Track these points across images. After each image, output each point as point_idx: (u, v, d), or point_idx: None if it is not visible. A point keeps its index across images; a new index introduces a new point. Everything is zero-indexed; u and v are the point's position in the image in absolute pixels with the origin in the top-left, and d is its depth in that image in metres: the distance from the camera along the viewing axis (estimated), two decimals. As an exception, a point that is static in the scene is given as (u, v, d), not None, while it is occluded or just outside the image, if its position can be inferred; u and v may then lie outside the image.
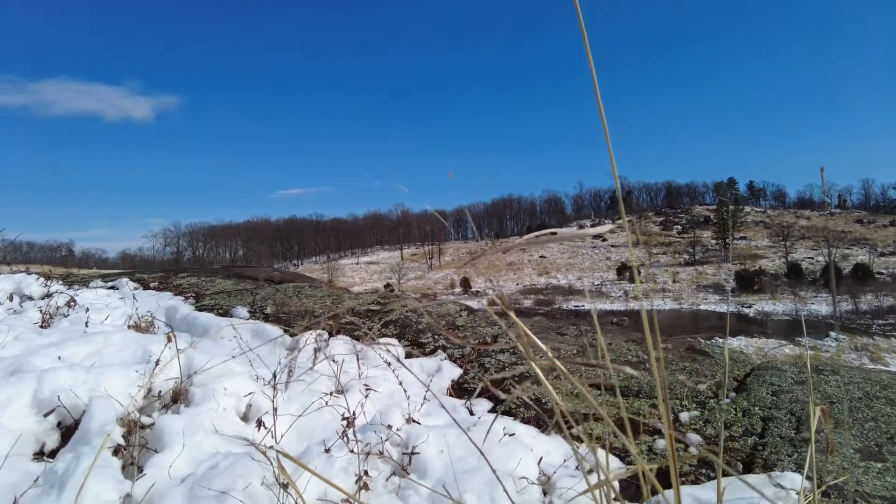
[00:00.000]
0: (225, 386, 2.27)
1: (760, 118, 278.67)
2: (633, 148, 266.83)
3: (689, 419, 2.68)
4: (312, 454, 1.85)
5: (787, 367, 3.15)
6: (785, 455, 2.26)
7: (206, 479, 1.59)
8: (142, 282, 5.87)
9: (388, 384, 2.82)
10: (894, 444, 2.26)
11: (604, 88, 0.80)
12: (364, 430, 2.16)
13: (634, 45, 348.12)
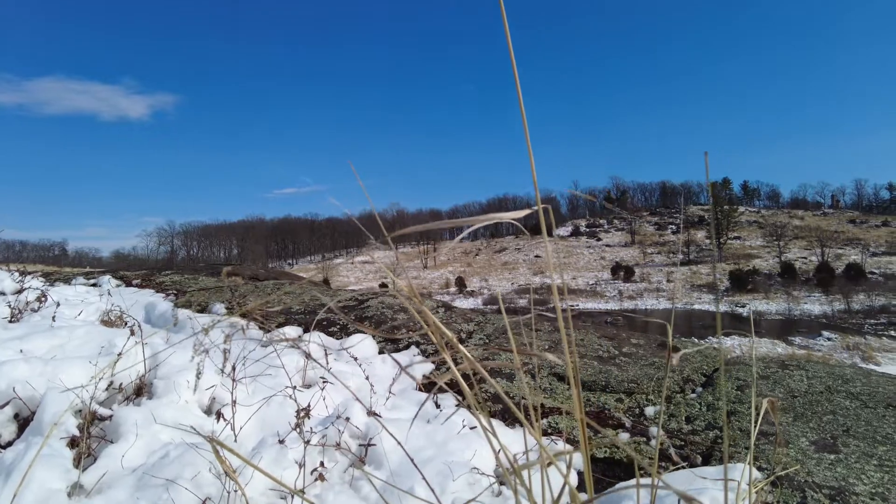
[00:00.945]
0: (188, 379, 2.29)
1: (755, 118, 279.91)
2: (629, 147, 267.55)
3: (654, 413, 2.70)
4: (267, 445, 1.87)
5: (753, 362, 3.18)
6: (743, 448, 2.29)
7: (156, 468, 1.61)
8: (124, 279, 5.87)
9: (356, 379, 2.84)
10: (849, 436, 2.29)
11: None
12: (324, 422, 2.18)
13: (628, 44, 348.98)
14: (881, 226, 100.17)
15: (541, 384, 3.04)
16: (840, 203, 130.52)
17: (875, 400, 2.61)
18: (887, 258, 77.76)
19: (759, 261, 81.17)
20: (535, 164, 0.91)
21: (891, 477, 1.97)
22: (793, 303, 59.27)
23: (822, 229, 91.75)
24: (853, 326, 47.24)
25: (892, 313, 50.94)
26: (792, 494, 1.91)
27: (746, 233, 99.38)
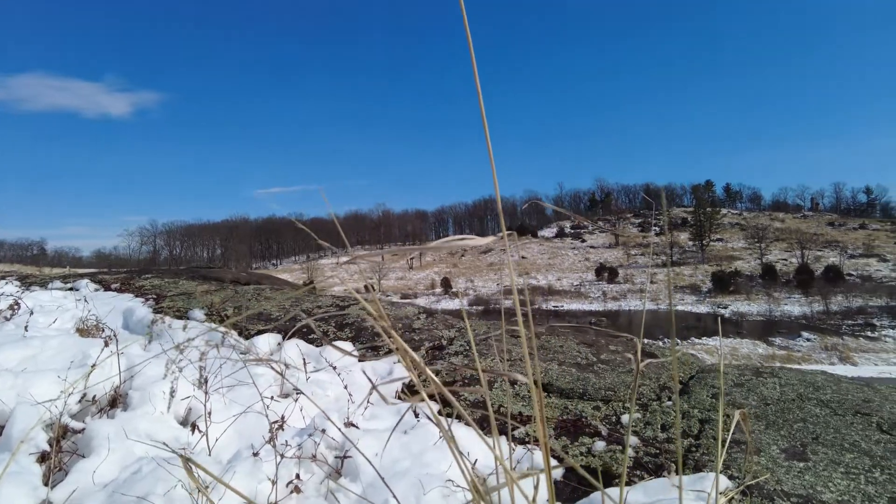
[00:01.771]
0: (164, 390, 2.27)
1: (738, 122, 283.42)
2: (613, 150, 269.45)
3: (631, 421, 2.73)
4: (241, 458, 1.86)
5: (730, 370, 3.23)
6: (716, 456, 2.33)
7: (127, 484, 1.60)
8: (103, 283, 5.80)
9: (335, 387, 2.84)
10: (818, 444, 2.34)
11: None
12: (301, 434, 2.18)
13: (613, 48, 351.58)
14: (859, 228, 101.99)
15: (520, 391, 3.06)
16: (819, 206, 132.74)
17: (844, 407, 2.66)
18: (864, 260, 79.17)
19: (741, 262, 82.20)
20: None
21: (856, 484, 2.02)
22: (773, 304, 60.08)
23: (802, 232, 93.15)
24: (832, 327, 48.02)
25: (869, 314, 51.85)
26: (761, 503, 1.94)
27: (729, 235, 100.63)
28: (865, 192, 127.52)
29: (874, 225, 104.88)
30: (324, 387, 2.82)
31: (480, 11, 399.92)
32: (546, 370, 3.26)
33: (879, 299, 57.48)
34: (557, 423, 2.74)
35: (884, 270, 73.53)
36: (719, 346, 9.39)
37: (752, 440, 2.38)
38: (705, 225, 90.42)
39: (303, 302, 4.61)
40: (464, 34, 0.72)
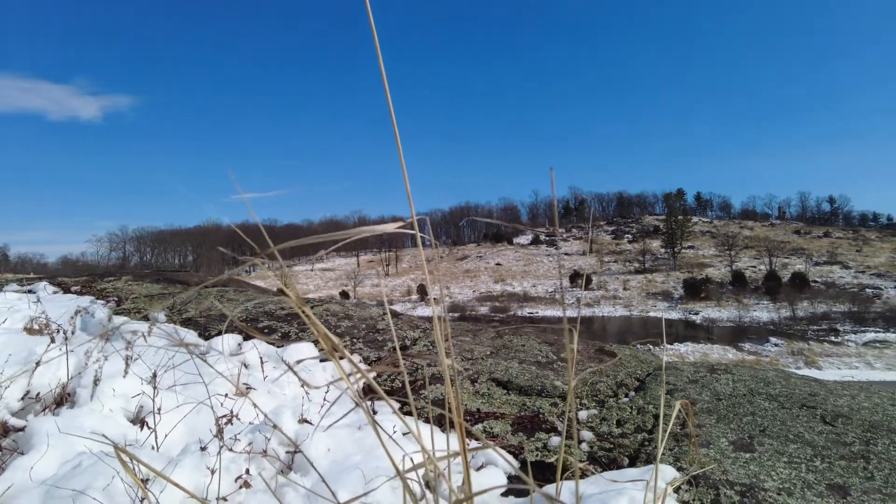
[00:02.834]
0: (114, 387, 2.23)
1: (710, 132, 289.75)
2: (587, 159, 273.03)
3: (587, 417, 2.77)
4: (189, 452, 1.84)
5: (685, 368, 3.30)
6: (667, 449, 2.37)
7: (65, 479, 1.56)
8: (63, 286, 5.66)
9: (293, 386, 2.82)
10: (765, 435, 2.40)
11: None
12: (253, 430, 2.16)
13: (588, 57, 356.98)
14: (823, 236, 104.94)
15: (479, 389, 3.08)
16: (786, 214, 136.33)
17: (791, 401, 2.74)
18: (828, 267, 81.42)
19: (711, 269, 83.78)
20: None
21: (798, 473, 2.08)
22: (743, 310, 61.35)
23: (770, 239, 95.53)
24: (798, 332, 49.19)
25: (833, 320, 53.26)
26: (707, 492, 1.98)
27: (700, 242, 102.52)
28: (829, 201, 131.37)
29: (837, 233, 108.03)
30: (281, 385, 2.81)
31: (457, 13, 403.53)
32: (507, 368, 3.28)
33: (842, 305, 59.12)
34: (515, 419, 2.76)
35: (846, 277, 75.72)
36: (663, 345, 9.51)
37: (694, 432, 2.43)
38: (677, 233, 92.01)
39: (266, 304, 4.57)
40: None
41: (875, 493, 1.92)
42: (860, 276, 76.21)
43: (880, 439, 2.31)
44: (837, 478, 2.04)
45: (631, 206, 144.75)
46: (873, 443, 2.29)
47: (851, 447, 2.27)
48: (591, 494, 1.95)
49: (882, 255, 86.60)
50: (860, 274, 77.20)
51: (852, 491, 1.94)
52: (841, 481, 2.02)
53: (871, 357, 38.23)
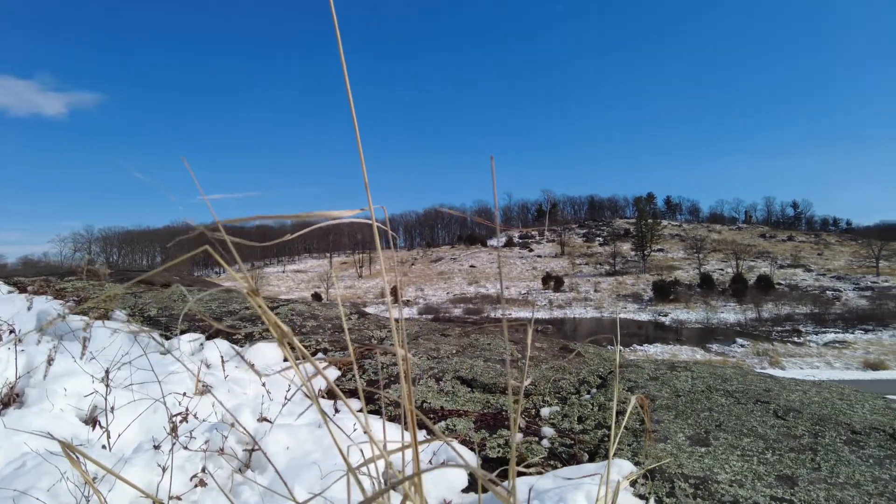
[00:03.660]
0: (66, 386, 2.18)
1: (678, 138, 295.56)
2: (560, 162, 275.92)
3: (549, 414, 2.80)
4: (142, 450, 1.80)
5: (647, 365, 3.36)
6: (626, 445, 2.41)
7: (7, 479, 1.52)
8: (19, 285, 5.49)
9: (254, 386, 2.79)
10: (720, 430, 2.46)
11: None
12: (211, 428, 2.13)
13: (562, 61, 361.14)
14: (787, 240, 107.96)
15: (444, 388, 3.08)
16: (753, 218, 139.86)
17: (747, 396, 2.81)
18: (792, 270, 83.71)
19: (680, 272, 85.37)
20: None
21: (750, 465, 2.13)
22: (711, 312, 62.59)
23: (737, 243, 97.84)
24: (763, 334, 50.37)
25: (796, 321, 54.73)
26: (662, 486, 2.02)
27: (669, 245, 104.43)
28: (793, 206, 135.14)
29: (800, 237, 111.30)
30: (242, 385, 2.77)
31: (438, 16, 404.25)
32: (472, 366, 3.29)
33: (805, 307, 60.80)
34: (478, 416, 2.77)
35: (808, 280, 77.97)
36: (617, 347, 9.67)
37: (650, 427, 2.48)
38: (647, 236, 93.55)
39: (231, 303, 4.50)
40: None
41: (820, 483, 1.98)
42: (821, 278, 78.55)
43: (828, 432, 2.39)
44: (786, 469, 2.10)
45: (602, 210, 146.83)
46: (821, 435, 2.36)
47: (801, 440, 2.34)
48: (549, 489, 1.97)
49: (841, 259, 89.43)
50: (821, 276, 79.58)
51: (799, 481, 2.00)
52: (789, 472, 2.08)
53: (831, 357, 39.37)
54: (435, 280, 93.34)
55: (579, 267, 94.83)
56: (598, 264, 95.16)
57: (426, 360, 3.44)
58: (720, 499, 1.92)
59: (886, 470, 2.07)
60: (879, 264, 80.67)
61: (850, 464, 2.13)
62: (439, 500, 1.98)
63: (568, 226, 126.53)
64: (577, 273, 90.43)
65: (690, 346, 46.56)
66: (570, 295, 76.98)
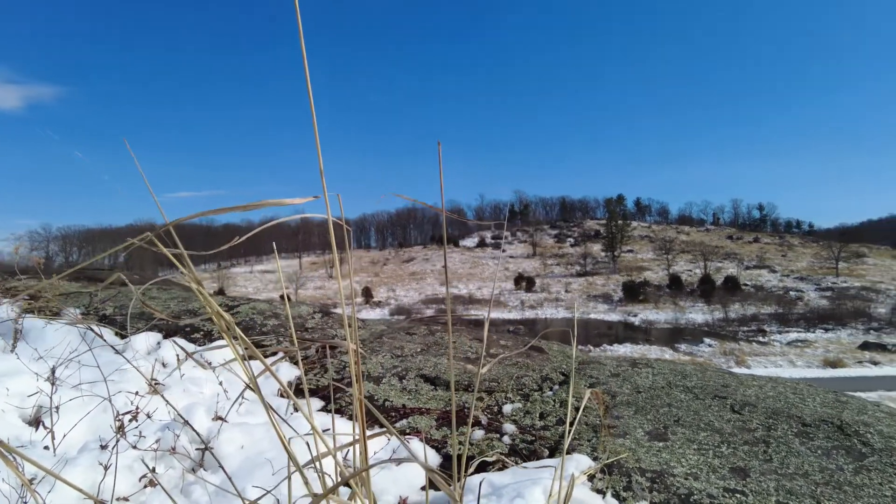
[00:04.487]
0: (7, 386, 2.10)
1: (648, 140, 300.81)
2: (532, 163, 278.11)
3: (512, 410, 2.80)
4: (88, 450, 1.74)
5: (608, 362, 3.39)
6: (585, 440, 2.43)
7: (-62, 482, 1.45)
8: (-33, 284, 5.29)
9: (211, 385, 2.73)
10: (678, 425, 2.49)
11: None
12: (163, 428, 2.08)
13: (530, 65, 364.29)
14: (753, 242, 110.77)
15: (407, 386, 3.06)
16: (720, 220, 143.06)
17: (705, 392, 2.86)
18: (757, 271, 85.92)
19: (649, 273, 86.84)
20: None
21: (705, 459, 2.16)
22: (679, 312, 63.82)
23: (705, 244, 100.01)
24: (730, 333, 51.54)
25: (761, 321, 56.17)
26: (619, 480, 2.04)
27: (639, 246, 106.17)
28: (759, 208, 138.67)
29: (766, 239, 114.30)
30: (199, 384, 2.71)
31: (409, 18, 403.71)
32: (436, 364, 3.28)
33: (769, 307, 62.45)
34: (440, 414, 2.76)
35: (773, 280, 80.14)
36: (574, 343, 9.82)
37: (606, 423, 2.50)
38: (617, 237, 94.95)
39: (190, 302, 4.41)
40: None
41: (771, 474, 2.02)
42: (785, 279, 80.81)
43: (780, 425, 2.44)
44: (740, 461, 2.14)
45: (573, 211, 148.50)
46: (774, 428, 2.41)
47: (755, 433, 2.39)
48: (506, 484, 1.97)
49: (804, 260, 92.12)
50: (785, 277, 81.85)
51: (751, 473, 2.04)
52: (742, 464, 2.11)
53: (794, 356, 40.50)
54: (407, 280, 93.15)
55: (551, 267, 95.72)
56: (569, 265, 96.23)
57: (390, 358, 3.42)
58: (675, 492, 1.95)
59: (833, 460, 2.13)
60: (839, 265, 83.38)
61: (800, 455, 2.18)
62: (396, 497, 1.96)
63: (540, 226, 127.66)
64: (549, 274, 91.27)
65: (659, 346, 47.39)
66: (542, 295, 77.66)
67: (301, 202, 0.79)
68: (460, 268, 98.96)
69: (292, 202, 0.79)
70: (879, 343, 41.11)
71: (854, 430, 2.37)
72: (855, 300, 62.13)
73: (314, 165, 0.91)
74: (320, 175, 0.84)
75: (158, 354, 3.13)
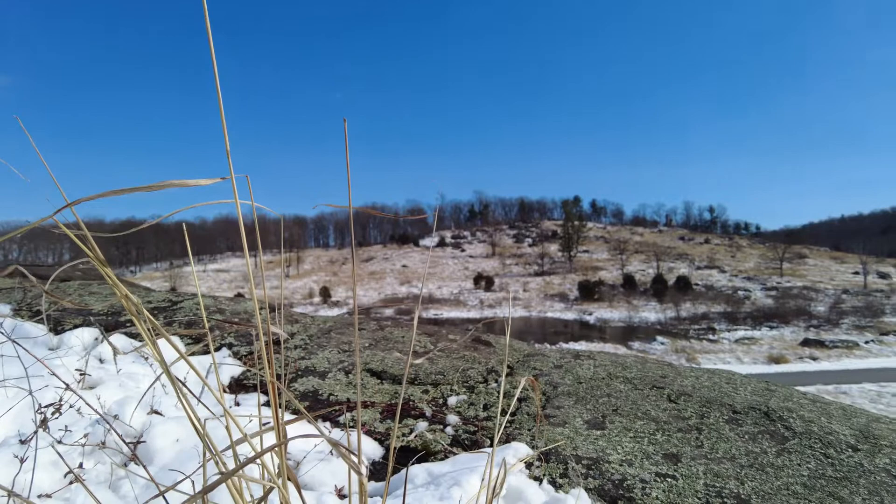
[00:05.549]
0: (-76, 383, 1.99)
1: (604, 144, 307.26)
2: (491, 165, 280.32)
3: (456, 402, 2.82)
4: (7, 445, 1.68)
5: (552, 354, 3.46)
6: (525, 430, 2.47)
7: None
8: None
9: (148, 380, 2.66)
10: (616, 414, 2.56)
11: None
12: (93, 422, 2.02)
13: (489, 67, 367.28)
14: (704, 243, 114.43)
15: (352, 380, 3.05)
16: (673, 222, 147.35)
17: (644, 382, 2.94)
18: (708, 271, 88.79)
19: (604, 272, 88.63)
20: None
21: (640, 446, 2.23)
22: (633, 311, 65.29)
23: (658, 245, 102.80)
24: (681, 332, 52.99)
25: (711, 320, 57.99)
26: (556, 467, 2.08)
27: (594, 247, 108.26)
28: (709, 210, 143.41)
29: (716, 240, 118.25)
30: (136, 379, 2.64)
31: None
32: (383, 359, 3.28)
33: (719, 306, 64.58)
34: (385, 407, 2.76)
35: (722, 280, 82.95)
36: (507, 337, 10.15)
37: (540, 413, 2.55)
38: (573, 237, 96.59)
39: (132, 296, 4.28)
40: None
41: (701, 459, 2.10)
42: (734, 279, 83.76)
43: (712, 413, 2.54)
44: (673, 448, 2.22)
45: (532, 211, 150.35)
46: (706, 416, 2.51)
47: (688, 421, 2.47)
48: (446, 472, 1.99)
49: (751, 261, 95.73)
50: (734, 277, 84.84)
51: (683, 458, 2.12)
52: (675, 451, 2.19)
53: (741, 353, 41.96)
54: (366, 280, 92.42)
55: (509, 267, 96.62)
56: (527, 264, 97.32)
57: (337, 353, 3.39)
58: (610, 478, 2.00)
59: (758, 444, 2.23)
60: (783, 266, 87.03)
61: (729, 440, 2.27)
62: (332, 488, 1.96)
63: (499, 227, 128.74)
64: (508, 273, 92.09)
65: (614, 343, 48.34)
66: (500, 294, 78.27)
67: (207, 183, 0.76)
68: (420, 267, 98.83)
69: (196, 183, 0.77)
70: (818, 340, 43.04)
71: (779, 416, 2.49)
72: (797, 299, 64.94)
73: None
74: (226, 155, 0.82)
75: (96, 351, 3.03)
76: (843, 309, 58.36)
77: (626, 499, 1.86)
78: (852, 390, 24.97)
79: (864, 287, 73.06)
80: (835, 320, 53.56)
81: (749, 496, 1.86)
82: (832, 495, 1.88)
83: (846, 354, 38.32)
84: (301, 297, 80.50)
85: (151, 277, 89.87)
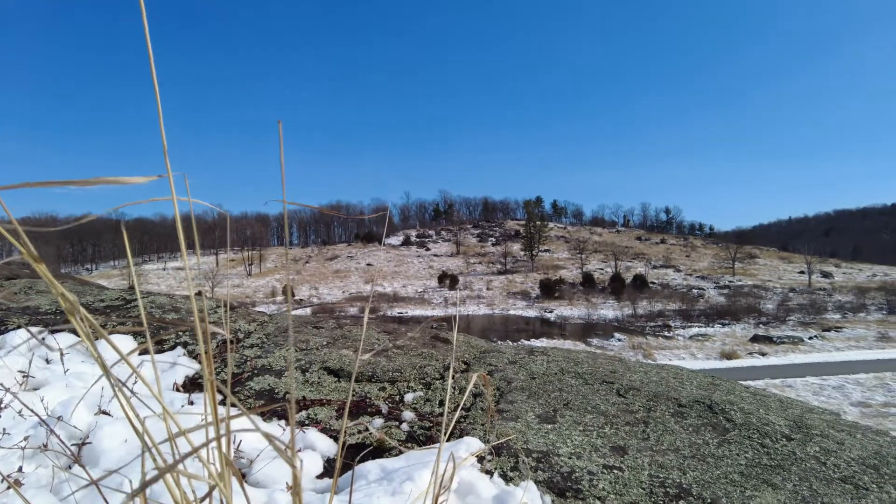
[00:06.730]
0: None
1: (564, 146, 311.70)
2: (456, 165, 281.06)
3: (413, 399, 2.85)
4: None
5: (507, 350, 3.52)
6: (479, 424, 2.51)
7: None
8: None
9: (99, 380, 2.60)
10: (567, 408, 2.63)
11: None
12: (36, 425, 1.97)
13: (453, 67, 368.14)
14: (660, 243, 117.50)
15: (310, 378, 3.05)
16: (630, 222, 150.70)
17: (595, 378, 3.03)
18: (664, 270, 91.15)
19: (565, 271, 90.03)
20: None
21: (589, 439, 2.30)
22: (592, 308, 66.55)
23: (616, 245, 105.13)
24: (638, 329, 54.20)
25: (667, 317, 59.54)
26: (507, 460, 2.13)
27: (555, 246, 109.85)
28: (665, 211, 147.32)
29: (672, 240, 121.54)
30: (84, 379, 2.58)
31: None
32: (340, 357, 3.28)
33: (674, 304, 66.36)
34: (341, 405, 2.77)
35: (678, 279, 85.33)
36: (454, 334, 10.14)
37: (492, 408, 2.61)
38: (535, 237, 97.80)
39: (84, 295, 4.16)
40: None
41: (647, 451, 2.18)
42: (688, 278, 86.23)
43: (659, 406, 2.63)
44: (620, 440, 2.29)
45: (495, 211, 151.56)
46: (653, 410, 2.60)
47: (636, 414, 2.56)
48: (399, 468, 2.02)
49: (705, 261, 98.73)
50: (689, 276, 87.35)
51: (629, 450, 2.19)
52: (622, 443, 2.27)
53: (695, 349, 43.23)
54: (330, 279, 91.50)
55: (473, 266, 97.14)
56: (490, 263, 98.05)
57: (294, 351, 3.38)
58: (559, 470, 2.06)
59: (701, 436, 2.33)
60: (735, 265, 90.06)
61: (674, 433, 2.36)
62: (284, 485, 1.96)
63: (463, 226, 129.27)
64: (472, 272, 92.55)
65: (573, 340, 49.11)
66: (465, 293, 78.62)
67: (143, 181, 0.76)
68: (385, 266, 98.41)
69: (132, 181, 0.76)
70: (767, 336, 44.77)
71: (721, 409, 2.60)
72: (748, 297, 67.33)
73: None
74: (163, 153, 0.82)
75: (42, 351, 2.94)
76: (790, 307, 60.86)
77: (574, 490, 1.92)
78: (797, 384, 26.03)
79: (808, 286, 76.32)
80: (782, 317, 55.79)
81: (690, 485, 1.94)
82: (766, 482, 1.98)
83: (792, 350, 39.98)
84: (263, 295, 79.17)
85: (109, 276, 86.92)
